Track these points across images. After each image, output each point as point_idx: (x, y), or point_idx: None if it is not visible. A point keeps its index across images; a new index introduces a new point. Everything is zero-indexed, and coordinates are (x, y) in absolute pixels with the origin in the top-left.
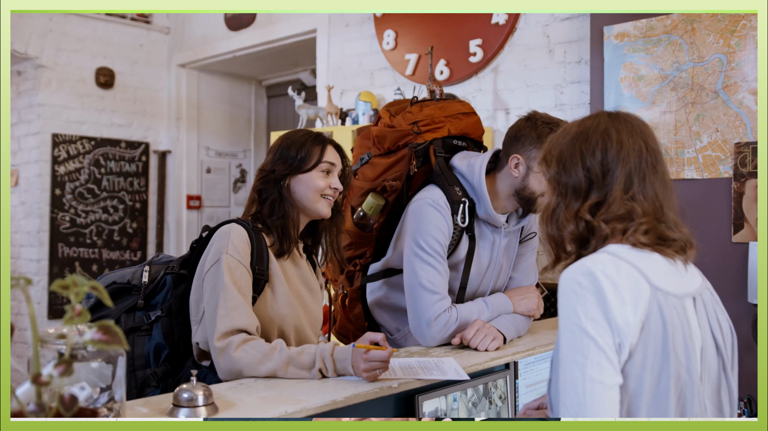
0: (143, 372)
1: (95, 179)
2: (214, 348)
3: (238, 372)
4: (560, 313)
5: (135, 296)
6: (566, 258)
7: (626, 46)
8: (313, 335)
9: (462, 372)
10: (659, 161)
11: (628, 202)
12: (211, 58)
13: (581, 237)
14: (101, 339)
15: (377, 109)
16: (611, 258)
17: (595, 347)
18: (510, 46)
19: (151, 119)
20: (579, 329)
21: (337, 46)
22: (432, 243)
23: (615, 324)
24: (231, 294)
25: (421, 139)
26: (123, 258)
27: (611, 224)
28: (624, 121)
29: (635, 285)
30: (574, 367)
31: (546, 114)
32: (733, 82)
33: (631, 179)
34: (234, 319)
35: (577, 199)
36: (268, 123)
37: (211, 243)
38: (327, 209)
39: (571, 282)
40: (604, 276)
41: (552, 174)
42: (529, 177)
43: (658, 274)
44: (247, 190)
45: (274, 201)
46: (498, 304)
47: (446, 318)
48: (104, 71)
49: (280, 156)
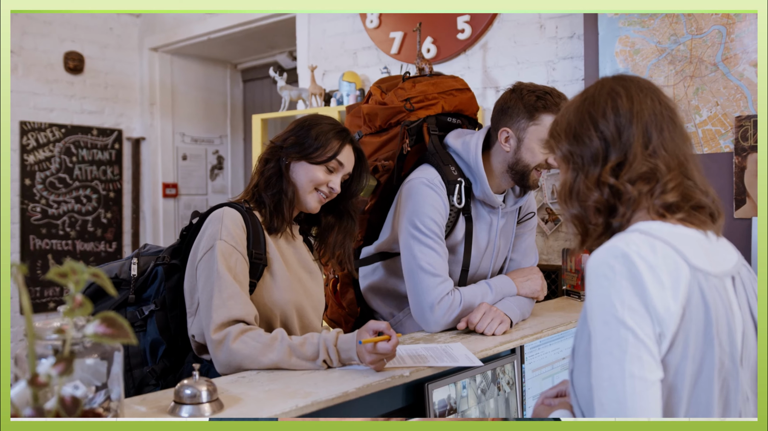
0: (140, 370)
1: (66, 168)
2: (210, 341)
3: (238, 364)
4: (590, 301)
5: (125, 291)
6: (594, 232)
7: (621, 19)
8: (317, 319)
9: (474, 358)
10: (676, 114)
11: (650, 158)
12: (184, 41)
13: (608, 204)
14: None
15: (363, 89)
16: (644, 238)
17: (634, 339)
18: (499, 22)
19: (123, 105)
20: (615, 319)
21: (318, 26)
22: (429, 224)
23: (655, 312)
24: (226, 282)
25: (414, 116)
26: (98, 250)
27: (637, 185)
28: (630, 79)
29: (674, 267)
30: (611, 362)
31: (531, 83)
32: (733, 54)
33: (649, 133)
34: (230, 309)
35: (596, 164)
36: (245, 108)
37: (204, 229)
38: (315, 204)
39: (603, 266)
40: (639, 259)
41: (564, 150)
42: (520, 149)
43: (696, 253)
44: (225, 176)
45: (273, 175)
46: (501, 287)
47: (449, 301)
48: (73, 56)
49: (296, 135)
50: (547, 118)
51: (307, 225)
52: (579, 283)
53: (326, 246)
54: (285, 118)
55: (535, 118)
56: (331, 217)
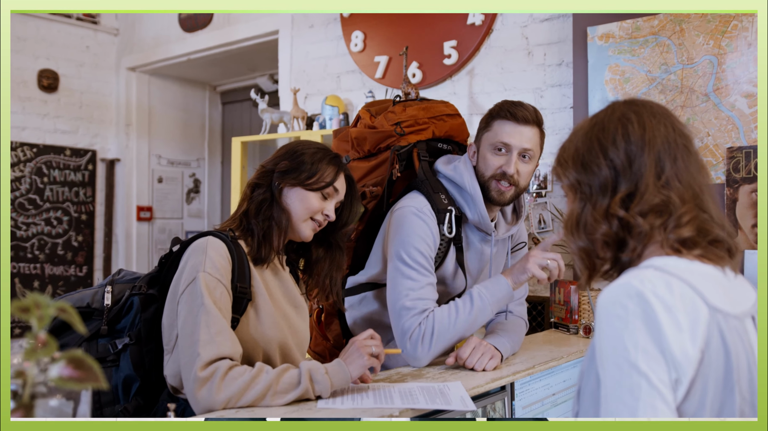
0: (111, 408)
1: (37, 189)
2: (194, 378)
3: (222, 403)
4: (601, 343)
5: (97, 321)
6: (602, 266)
7: (611, 47)
8: (301, 357)
9: (468, 400)
10: (691, 142)
11: (662, 189)
12: (163, 61)
13: (617, 237)
14: (72, 376)
15: (346, 114)
16: (660, 275)
17: (647, 385)
18: (486, 47)
19: (98, 125)
20: (627, 363)
21: (301, 48)
22: (415, 255)
23: (671, 357)
24: (214, 317)
25: (403, 141)
26: (68, 274)
27: (648, 219)
28: (642, 104)
29: (691, 308)
30: (622, 410)
31: (506, 100)
32: (725, 85)
33: (662, 162)
34: (219, 346)
35: (605, 195)
36: (223, 131)
37: (186, 259)
38: (309, 232)
39: (615, 305)
40: (655, 298)
41: (571, 178)
42: (478, 160)
43: (715, 292)
44: (202, 200)
45: (264, 201)
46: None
47: (419, 333)
48: (47, 73)
49: (290, 160)
50: (498, 124)
51: (296, 256)
52: (567, 316)
53: (316, 280)
54: (265, 141)
55: (489, 125)
56: (321, 249)
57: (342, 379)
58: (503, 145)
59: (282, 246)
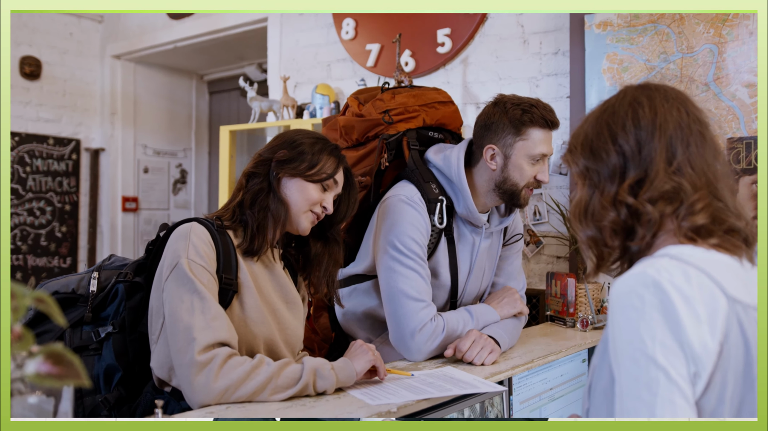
0: (92, 398)
1: (19, 178)
2: (191, 363)
3: (221, 391)
4: (615, 335)
5: (81, 308)
6: (610, 255)
7: (609, 35)
8: (289, 355)
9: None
10: (707, 128)
11: (673, 175)
12: (149, 48)
13: (625, 226)
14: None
15: (337, 102)
16: (677, 264)
17: (665, 380)
18: (481, 36)
19: (82, 114)
20: (644, 357)
21: (291, 36)
22: (410, 245)
23: (690, 350)
24: (208, 302)
25: (393, 129)
26: (51, 265)
27: (658, 206)
28: (656, 88)
29: (710, 298)
30: (639, 407)
31: (514, 95)
32: (725, 74)
33: (674, 148)
34: (216, 331)
35: (613, 181)
36: (210, 120)
37: (169, 246)
38: (307, 225)
39: (631, 295)
40: (672, 288)
41: (580, 165)
42: (507, 167)
43: (734, 282)
44: (188, 191)
45: (260, 191)
46: (482, 314)
47: (432, 327)
48: (29, 60)
49: (289, 149)
50: (534, 133)
51: (296, 252)
52: (564, 309)
53: (316, 275)
54: (254, 130)
55: (522, 133)
56: (319, 244)
57: (347, 375)
58: (542, 156)
59: (276, 239)
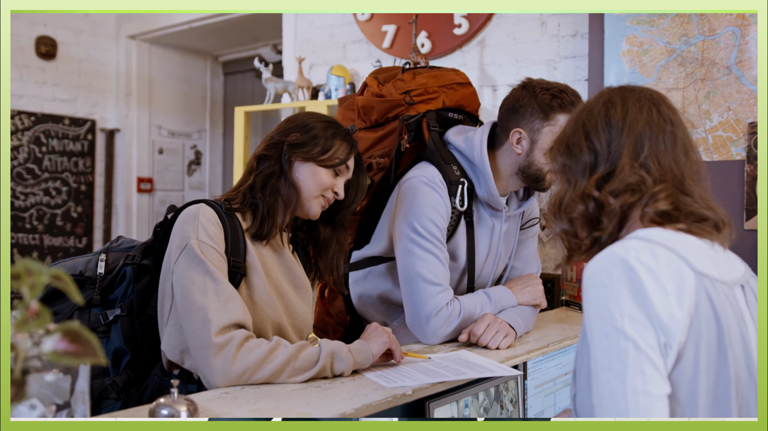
0: (100, 381)
1: (35, 158)
2: (208, 345)
3: (239, 374)
4: (588, 313)
5: (89, 290)
6: (581, 246)
7: (629, 17)
8: (297, 339)
9: (502, 365)
10: (678, 129)
11: (638, 169)
12: (164, 29)
13: (591, 218)
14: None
15: (353, 84)
16: (644, 244)
17: (635, 350)
18: (498, 17)
19: (97, 94)
20: (614, 330)
21: (306, 17)
22: (429, 227)
23: (658, 320)
24: (221, 283)
25: (413, 110)
26: (67, 245)
27: (621, 198)
28: (631, 89)
29: (677, 273)
30: (611, 377)
31: (542, 79)
32: (748, 57)
33: (641, 144)
34: (231, 312)
35: (584, 176)
36: (225, 102)
37: (177, 228)
38: (318, 209)
39: (600, 275)
40: (639, 264)
41: (559, 163)
42: (534, 151)
43: (701, 259)
44: (203, 172)
45: (272, 174)
46: (500, 297)
47: (449, 311)
48: (45, 40)
49: (301, 132)
50: (563, 118)
51: (305, 236)
52: (579, 294)
53: (325, 260)
54: (269, 111)
55: (550, 118)
56: (329, 228)
57: (364, 357)
58: None
59: (286, 223)
